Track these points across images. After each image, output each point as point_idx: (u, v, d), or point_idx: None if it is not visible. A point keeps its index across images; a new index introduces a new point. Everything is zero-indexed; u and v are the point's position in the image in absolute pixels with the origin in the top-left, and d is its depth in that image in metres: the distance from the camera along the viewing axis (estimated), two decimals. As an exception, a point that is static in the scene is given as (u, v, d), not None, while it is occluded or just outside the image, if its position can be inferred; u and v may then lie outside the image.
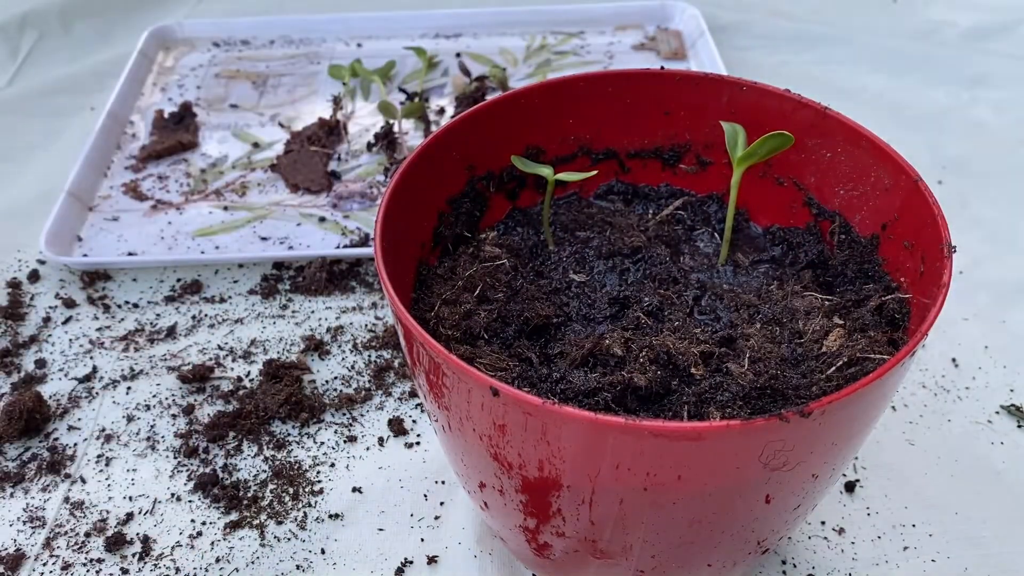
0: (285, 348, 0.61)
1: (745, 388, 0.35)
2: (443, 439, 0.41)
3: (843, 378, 0.36)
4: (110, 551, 0.49)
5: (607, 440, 0.31)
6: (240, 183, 0.74)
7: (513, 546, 0.45)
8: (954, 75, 0.85)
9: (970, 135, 0.78)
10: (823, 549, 0.48)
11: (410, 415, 0.56)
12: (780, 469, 0.32)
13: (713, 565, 0.40)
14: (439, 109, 0.81)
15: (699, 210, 0.48)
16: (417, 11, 0.93)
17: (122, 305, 0.64)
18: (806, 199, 0.46)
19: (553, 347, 0.40)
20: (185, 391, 0.58)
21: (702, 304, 0.42)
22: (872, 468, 0.52)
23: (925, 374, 0.57)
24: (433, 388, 0.36)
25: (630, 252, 0.44)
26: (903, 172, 0.40)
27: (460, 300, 0.41)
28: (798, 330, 0.39)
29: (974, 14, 0.93)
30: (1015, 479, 0.51)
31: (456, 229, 0.46)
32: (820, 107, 0.44)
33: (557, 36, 0.92)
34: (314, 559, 0.49)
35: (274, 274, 0.66)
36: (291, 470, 0.53)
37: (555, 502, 0.36)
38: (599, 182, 0.50)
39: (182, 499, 0.52)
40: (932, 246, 0.37)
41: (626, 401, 0.36)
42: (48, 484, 0.53)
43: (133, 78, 0.85)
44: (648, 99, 0.48)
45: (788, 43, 0.91)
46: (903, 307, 0.39)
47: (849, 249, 0.43)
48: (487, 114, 0.46)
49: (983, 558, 0.47)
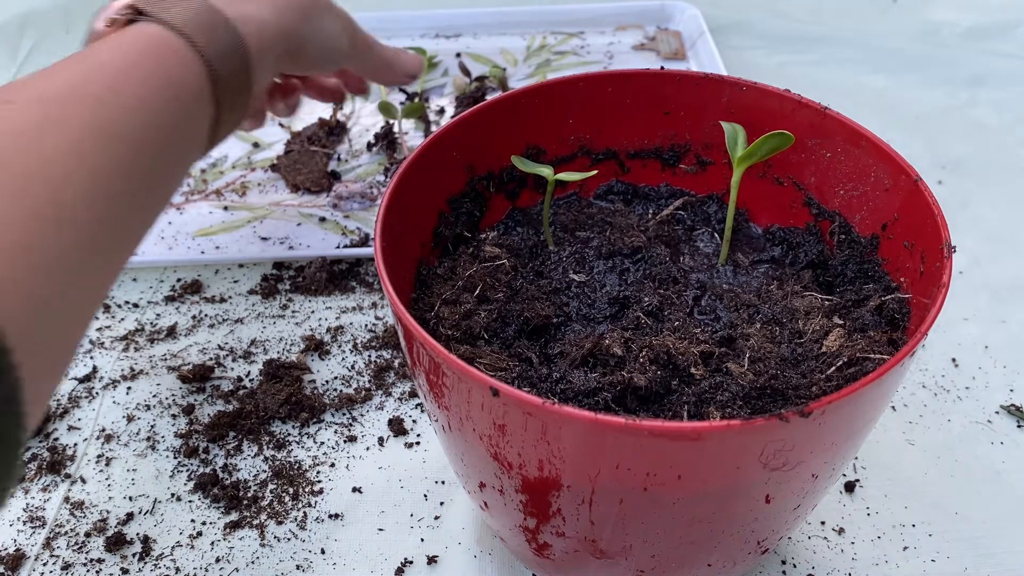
0: (285, 348, 0.61)
1: (745, 388, 0.36)
2: (443, 439, 0.41)
3: (843, 378, 0.36)
4: (110, 551, 0.49)
5: (607, 440, 0.31)
6: (240, 183, 0.74)
7: (513, 546, 0.45)
8: (954, 75, 0.85)
9: (970, 135, 0.78)
10: (823, 549, 0.48)
11: (410, 415, 0.56)
12: (780, 469, 0.32)
13: (713, 565, 0.40)
14: (439, 109, 0.81)
15: (699, 210, 0.48)
16: (417, 11, 0.93)
17: (122, 305, 0.64)
18: (806, 199, 0.46)
19: (553, 347, 0.40)
20: (185, 391, 0.58)
21: (702, 304, 0.42)
22: (872, 468, 0.52)
23: (925, 374, 0.57)
24: (433, 388, 0.36)
25: (630, 252, 0.44)
26: (903, 172, 0.40)
27: (460, 300, 0.41)
28: (798, 330, 0.39)
29: (974, 14, 0.93)
30: (1015, 479, 0.51)
31: (456, 229, 0.46)
32: (820, 107, 0.44)
33: (557, 36, 0.92)
34: (314, 559, 0.49)
35: (274, 274, 0.66)
36: (291, 470, 0.53)
37: (555, 502, 0.36)
38: (599, 182, 0.50)
39: (182, 499, 0.52)
40: (932, 246, 0.37)
41: (626, 401, 0.36)
42: (48, 484, 0.53)
43: (133, 78, 0.85)
44: (648, 99, 0.48)
45: (788, 43, 0.91)
46: (903, 307, 0.39)
47: (849, 249, 0.43)
48: (487, 114, 0.46)
49: (983, 558, 0.47)
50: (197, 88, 0.42)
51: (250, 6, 0.48)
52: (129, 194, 0.37)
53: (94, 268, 0.35)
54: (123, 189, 0.36)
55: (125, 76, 0.38)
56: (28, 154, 0.32)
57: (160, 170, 0.40)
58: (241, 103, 0.46)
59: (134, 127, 0.37)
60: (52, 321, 0.32)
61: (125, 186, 0.36)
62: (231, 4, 0.46)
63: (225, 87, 0.44)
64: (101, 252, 0.35)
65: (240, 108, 0.47)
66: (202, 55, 0.43)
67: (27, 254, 0.30)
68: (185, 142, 0.42)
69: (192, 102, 0.42)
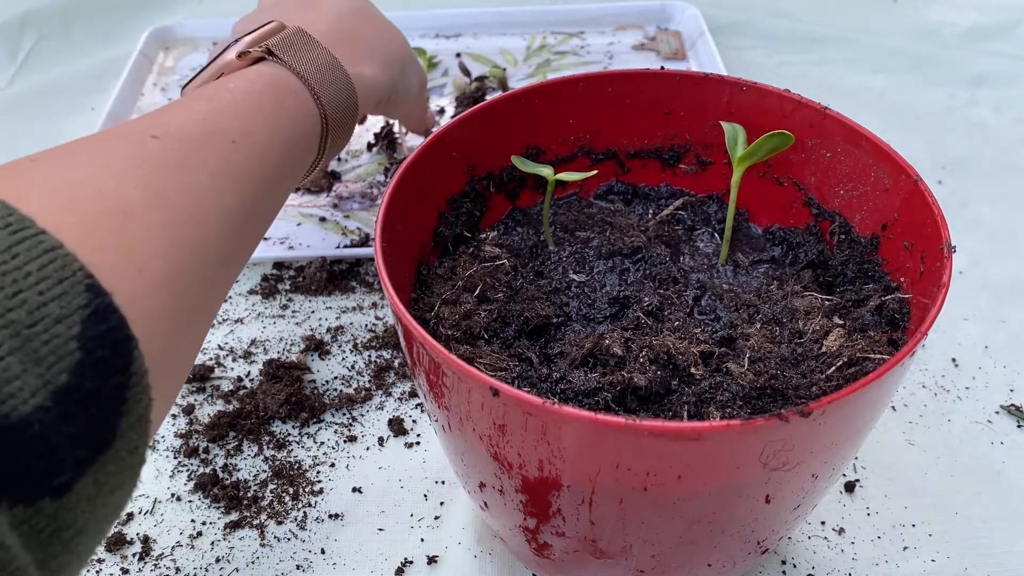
0: (285, 348, 0.61)
1: (745, 388, 0.36)
2: (443, 439, 0.41)
3: (843, 378, 0.36)
4: (110, 551, 0.49)
5: (607, 440, 0.31)
6: (240, 183, 0.74)
7: (513, 546, 0.45)
8: (954, 75, 0.85)
9: (970, 135, 0.78)
10: (823, 549, 0.48)
11: (410, 415, 0.56)
12: (780, 469, 0.32)
13: (713, 565, 0.40)
14: (439, 109, 0.81)
15: (699, 210, 0.48)
16: (417, 11, 0.93)
17: (122, 305, 0.64)
18: (806, 199, 0.46)
19: (553, 347, 0.40)
20: (185, 391, 0.58)
21: (702, 304, 0.42)
22: (872, 468, 0.52)
23: (925, 374, 0.57)
24: (433, 388, 0.36)
25: (630, 252, 0.44)
26: (903, 172, 0.40)
27: (460, 300, 0.41)
28: (798, 330, 0.39)
29: (974, 14, 0.93)
30: (1015, 479, 0.51)
31: (456, 229, 0.46)
32: (820, 107, 0.44)
33: (557, 36, 0.92)
34: (314, 559, 0.49)
35: (274, 274, 0.66)
36: (291, 470, 0.53)
37: (555, 502, 0.36)
38: (599, 182, 0.50)
39: (182, 499, 0.52)
40: (932, 246, 0.37)
41: (626, 401, 0.36)
42: (48, 484, 0.53)
43: (133, 78, 0.85)
44: (648, 99, 0.48)
45: (788, 43, 0.91)
46: (903, 307, 0.39)
47: (849, 249, 0.43)
48: (487, 114, 0.46)
49: (983, 558, 0.47)
50: (312, 134, 0.46)
51: (365, 65, 0.52)
52: (250, 227, 0.40)
53: (217, 295, 0.38)
54: (245, 223, 0.39)
55: (254, 118, 0.41)
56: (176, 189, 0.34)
57: (272, 204, 0.43)
58: (337, 148, 0.50)
59: (260, 168, 0.40)
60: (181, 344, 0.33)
61: (247, 220, 0.39)
62: (352, 62, 0.50)
63: (333, 135, 0.48)
64: (223, 282, 0.38)
65: (334, 152, 0.51)
66: (322, 106, 0.46)
67: (170, 284, 0.32)
68: (293, 180, 0.46)
69: (306, 146, 0.46)
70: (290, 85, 0.45)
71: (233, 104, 0.41)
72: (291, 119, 0.44)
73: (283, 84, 0.45)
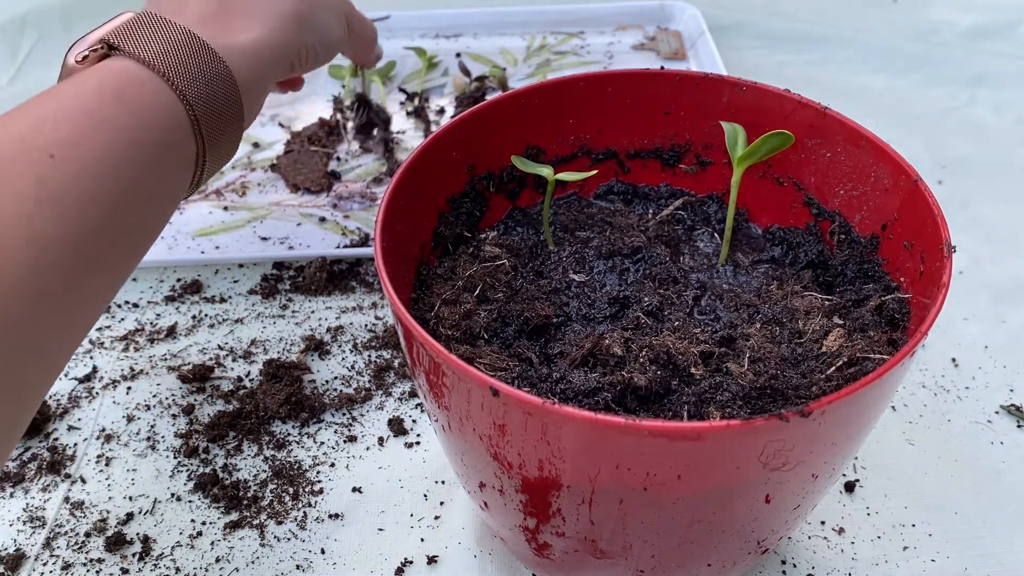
0: (285, 348, 0.61)
1: (745, 388, 0.36)
2: (443, 439, 0.41)
3: (843, 378, 0.36)
4: (110, 551, 0.49)
5: (607, 440, 0.31)
6: (240, 183, 0.74)
7: (513, 546, 0.45)
8: (954, 75, 0.85)
9: (970, 135, 0.78)
10: (823, 549, 0.48)
11: (410, 415, 0.56)
12: (780, 469, 0.32)
13: (713, 565, 0.40)
14: (439, 109, 0.81)
15: (699, 210, 0.48)
16: (417, 11, 0.93)
17: (122, 305, 0.64)
18: (806, 199, 0.46)
19: (553, 347, 0.40)
20: (185, 391, 0.58)
21: (702, 304, 0.42)
22: (872, 468, 0.52)
23: (925, 374, 0.57)
24: (433, 388, 0.36)
25: (630, 252, 0.44)
26: (903, 172, 0.40)
27: (460, 300, 0.41)
28: (798, 330, 0.39)
29: (974, 14, 0.93)
30: (1015, 479, 0.51)
31: (456, 229, 0.46)
32: (820, 107, 0.44)
33: (557, 36, 0.92)
34: (314, 559, 0.49)
35: (274, 274, 0.66)
36: (291, 470, 0.53)
37: (555, 502, 0.36)
38: (599, 182, 0.50)
39: (182, 499, 0.52)
40: (932, 246, 0.37)
41: (626, 401, 0.36)
42: (48, 484, 0.53)
43: (133, 78, 0.85)
44: (648, 99, 0.48)
45: (788, 43, 0.91)
46: (903, 307, 0.39)
47: (849, 249, 0.43)
48: (487, 114, 0.46)
49: (983, 558, 0.47)
50: (174, 126, 0.39)
51: (247, 33, 0.45)
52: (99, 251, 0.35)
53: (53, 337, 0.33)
54: (86, 247, 0.34)
55: (83, 123, 0.35)
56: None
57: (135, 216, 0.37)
58: (231, 135, 0.44)
59: (94, 183, 0.35)
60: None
61: (89, 244, 0.34)
62: (230, 33, 0.44)
63: (209, 122, 0.41)
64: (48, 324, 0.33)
65: (231, 139, 0.44)
66: (178, 91, 0.40)
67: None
68: (157, 189, 0.39)
69: (166, 142, 0.39)
70: (134, 75, 0.39)
71: (56, 112, 0.35)
72: (136, 115, 0.38)
73: (125, 76, 0.38)
